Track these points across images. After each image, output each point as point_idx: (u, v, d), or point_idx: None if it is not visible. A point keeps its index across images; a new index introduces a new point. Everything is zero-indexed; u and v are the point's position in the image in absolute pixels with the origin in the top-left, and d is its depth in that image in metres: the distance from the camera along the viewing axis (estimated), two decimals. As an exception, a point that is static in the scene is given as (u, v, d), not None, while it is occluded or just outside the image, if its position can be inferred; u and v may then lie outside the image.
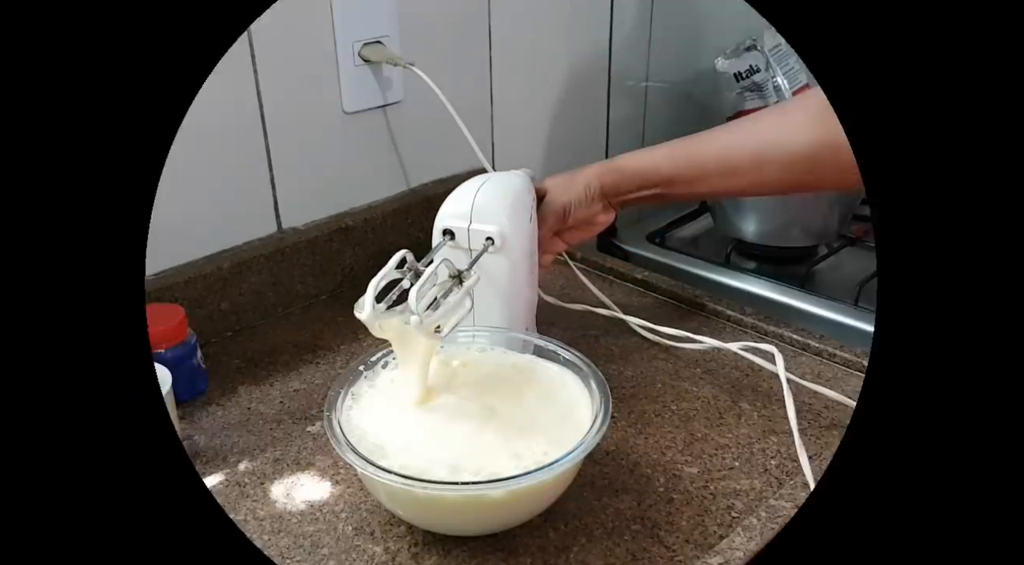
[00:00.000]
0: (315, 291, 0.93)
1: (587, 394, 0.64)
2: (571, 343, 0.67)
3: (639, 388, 0.78)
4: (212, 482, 0.67)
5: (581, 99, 1.17)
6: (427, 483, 0.55)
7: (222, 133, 0.83)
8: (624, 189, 0.79)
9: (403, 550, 0.60)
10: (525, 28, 1.06)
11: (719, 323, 0.88)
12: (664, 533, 0.61)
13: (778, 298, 1.03)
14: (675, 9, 1.24)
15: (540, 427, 0.61)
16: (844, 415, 0.73)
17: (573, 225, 0.80)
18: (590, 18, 1.14)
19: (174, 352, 0.74)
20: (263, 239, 0.89)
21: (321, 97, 0.89)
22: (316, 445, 0.71)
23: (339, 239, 0.93)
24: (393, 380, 0.66)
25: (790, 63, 1.31)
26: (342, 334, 0.87)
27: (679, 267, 1.11)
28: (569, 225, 0.80)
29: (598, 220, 0.81)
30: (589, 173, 0.79)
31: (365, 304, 0.60)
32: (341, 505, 0.64)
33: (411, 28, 0.93)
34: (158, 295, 0.80)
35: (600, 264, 0.99)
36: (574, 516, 0.63)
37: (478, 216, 0.71)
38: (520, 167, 0.80)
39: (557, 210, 0.78)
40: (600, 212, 0.80)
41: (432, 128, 0.95)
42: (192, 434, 0.73)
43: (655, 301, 0.93)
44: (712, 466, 0.68)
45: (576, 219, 0.79)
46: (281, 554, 0.60)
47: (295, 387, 0.79)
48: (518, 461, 0.58)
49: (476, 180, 0.75)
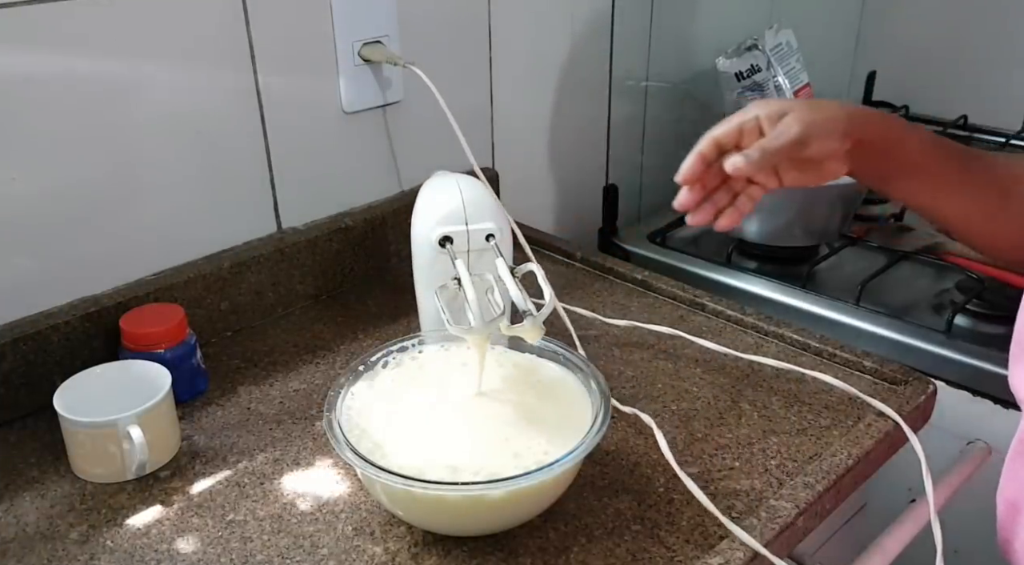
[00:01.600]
0: (315, 291, 0.93)
1: (587, 394, 0.64)
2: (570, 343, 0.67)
3: (639, 388, 0.78)
4: (212, 482, 0.67)
5: (581, 99, 1.17)
6: (427, 483, 0.55)
7: (222, 133, 0.83)
8: (869, 134, 0.67)
9: (403, 550, 0.60)
10: (525, 28, 1.06)
11: (719, 323, 0.88)
12: (664, 533, 0.61)
13: (779, 298, 1.03)
14: (675, 9, 1.24)
15: (540, 427, 0.61)
16: (844, 415, 0.73)
17: (806, 157, 0.66)
18: (590, 18, 1.14)
19: (174, 352, 0.74)
20: (263, 239, 0.89)
21: (321, 97, 0.89)
22: (316, 445, 0.71)
23: (339, 239, 0.93)
24: (394, 380, 0.66)
25: (791, 63, 1.31)
26: (342, 334, 0.87)
27: (680, 267, 1.11)
28: (804, 155, 0.65)
29: (828, 167, 0.68)
30: (835, 103, 0.68)
31: (474, 320, 0.62)
32: (341, 505, 0.64)
33: (411, 28, 0.93)
34: (158, 295, 0.80)
35: (600, 264, 0.99)
36: (574, 516, 0.63)
37: (473, 217, 0.72)
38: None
39: (798, 134, 0.64)
40: (835, 155, 0.67)
41: (432, 128, 0.94)
42: (192, 434, 0.73)
43: (655, 301, 0.93)
44: (712, 466, 0.67)
45: (814, 152, 0.65)
46: (281, 554, 0.60)
47: (295, 387, 0.79)
48: (518, 461, 0.58)
49: (440, 185, 0.75)
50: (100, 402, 0.67)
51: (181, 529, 0.62)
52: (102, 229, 0.78)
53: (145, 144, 0.78)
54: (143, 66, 0.76)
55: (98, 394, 0.69)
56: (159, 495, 0.66)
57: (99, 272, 0.78)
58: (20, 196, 0.72)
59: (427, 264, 0.74)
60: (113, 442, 0.65)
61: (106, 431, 0.65)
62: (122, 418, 0.65)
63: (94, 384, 0.70)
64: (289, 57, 0.85)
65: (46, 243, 0.75)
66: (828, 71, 1.55)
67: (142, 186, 0.79)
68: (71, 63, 0.72)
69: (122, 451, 0.65)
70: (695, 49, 1.31)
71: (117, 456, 0.66)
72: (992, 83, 1.50)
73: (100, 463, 0.66)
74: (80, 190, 0.75)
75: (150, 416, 0.66)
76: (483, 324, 0.62)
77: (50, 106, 0.72)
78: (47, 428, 0.73)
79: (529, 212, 1.01)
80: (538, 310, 0.62)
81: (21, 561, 0.60)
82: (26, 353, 0.73)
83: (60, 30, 0.70)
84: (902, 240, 1.10)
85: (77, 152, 0.74)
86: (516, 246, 0.80)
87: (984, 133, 1.47)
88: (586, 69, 1.16)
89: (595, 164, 1.24)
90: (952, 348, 0.91)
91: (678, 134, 1.35)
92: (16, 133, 0.71)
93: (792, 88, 1.30)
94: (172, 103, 0.79)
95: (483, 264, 0.70)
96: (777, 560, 0.58)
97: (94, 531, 0.62)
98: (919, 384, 0.76)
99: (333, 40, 0.88)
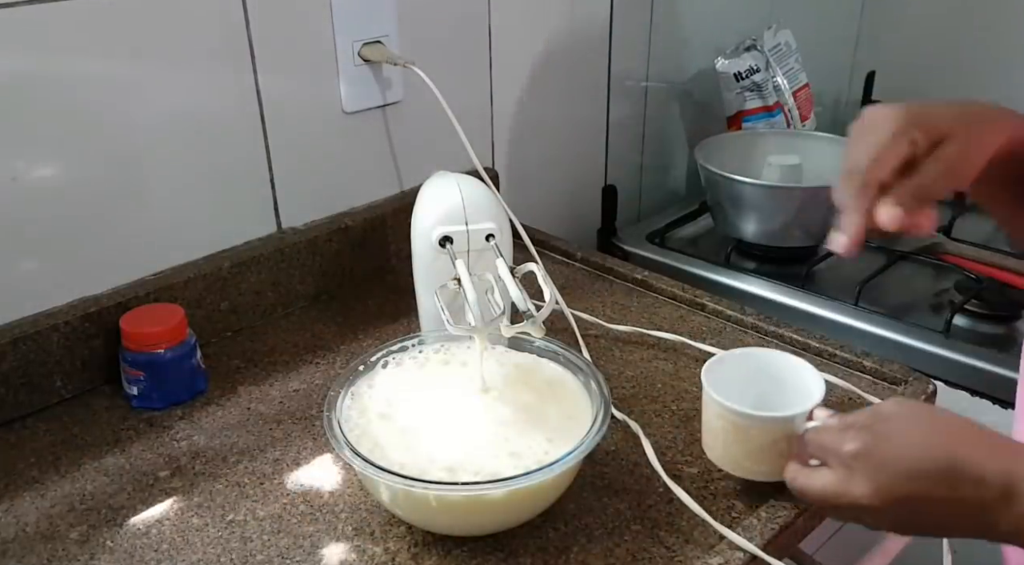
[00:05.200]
0: (315, 291, 0.93)
1: (587, 394, 0.64)
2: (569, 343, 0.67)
3: (639, 388, 0.78)
4: (212, 482, 0.67)
5: (580, 99, 1.17)
6: (427, 483, 0.55)
7: (222, 133, 0.83)
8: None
9: (403, 550, 0.60)
10: (525, 28, 1.06)
11: (719, 323, 0.88)
12: (664, 533, 0.61)
13: (778, 298, 1.03)
14: (674, 9, 1.24)
15: (540, 427, 0.61)
16: (844, 415, 0.73)
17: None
18: (590, 19, 1.14)
19: (174, 352, 0.74)
20: (263, 239, 0.89)
21: (321, 97, 0.89)
22: (316, 445, 0.71)
23: (339, 239, 0.93)
24: (394, 380, 0.66)
25: (790, 63, 1.32)
26: (342, 334, 0.87)
27: (679, 267, 1.11)
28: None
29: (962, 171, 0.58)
30: (995, 112, 0.60)
31: (475, 320, 0.62)
32: (341, 505, 0.64)
33: (411, 28, 0.93)
34: (157, 295, 0.80)
35: (600, 264, 0.99)
36: (574, 516, 0.63)
37: (473, 216, 0.72)
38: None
39: (964, 174, 0.57)
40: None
41: (432, 128, 0.94)
42: (192, 434, 0.73)
43: (655, 301, 0.93)
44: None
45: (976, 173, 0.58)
46: (281, 554, 0.60)
47: (295, 387, 0.79)
48: (518, 461, 0.58)
49: (440, 185, 0.75)
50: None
51: (181, 529, 0.62)
52: (102, 229, 0.78)
53: (145, 144, 0.78)
54: (143, 66, 0.76)
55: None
56: (159, 495, 0.66)
57: (99, 272, 0.78)
58: (20, 196, 0.72)
59: (427, 264, 0.74)
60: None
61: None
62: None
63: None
64: (289, 57, 0.85)
65: (46, 243, 0.75)
66: (827, 71, 1.55)
67: (142, 186, 0.79)
68: (71, 63, 0.72)
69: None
70: (694, 49, 1.31)
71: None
72: (992, 83, 1.50)
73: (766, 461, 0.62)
74: (80, 190, 0.75)
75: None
76: (483, 324, 0.62)
77: (50, 106, 0.72)
78: (47, 428, 0.73)
79: (528, 212, 1.01)
80: (538, 310, 0.62)
81: (21, 561, 0.60)
82: (26, 353, 0.73)
83: (60, 30, 0.70)
84: (900, 240, 1.10)
85: (77, 152, 0.74)
86: (516, 246, 0.80)
87: (983, 133, 1.47)
88: (585, 69, 1.16)
89: (594, 164, 1.24)
90: (951, 348, 0.91)
91: (677, 134, 1.35)
92: (16, 133, 0.71)
93: (791, 88, 1.30)
94: (172, 103, 0.79)
95: (483, 264, 0.70)
96: (776, 561, 0.58)
97: (94, 531, 0.62)
98: (919, 384, 0.76)
99: (333, 40, 0.88)
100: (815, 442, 0.57)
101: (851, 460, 0.54)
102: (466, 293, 0.63)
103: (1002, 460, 0.51)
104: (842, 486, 0.54)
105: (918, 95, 0.60)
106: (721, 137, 1.22)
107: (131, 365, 0.74)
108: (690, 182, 1.37)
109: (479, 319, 0.62)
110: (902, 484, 0.52)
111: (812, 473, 0.56)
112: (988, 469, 0.51)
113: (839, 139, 1.22)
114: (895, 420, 0.55)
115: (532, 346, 0.69)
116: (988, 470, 0.51)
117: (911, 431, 0.54)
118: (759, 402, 0.62)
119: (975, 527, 0.52)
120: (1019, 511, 0.50)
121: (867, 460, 0.53)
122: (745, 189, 1.07)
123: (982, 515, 0.51)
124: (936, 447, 0.52)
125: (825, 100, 1.57)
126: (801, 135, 1.26)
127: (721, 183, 1.09)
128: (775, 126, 1.29)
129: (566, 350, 0.67)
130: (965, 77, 1.52)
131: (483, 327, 0.63)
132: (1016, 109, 0.61)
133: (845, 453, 0.54)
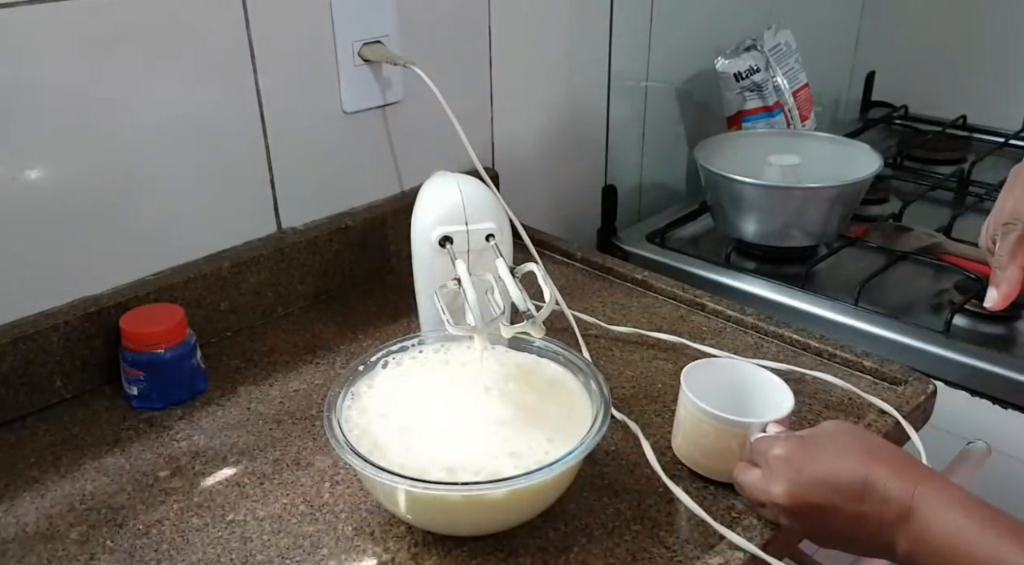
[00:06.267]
0: (315, 291, 0.93)
1: (587, 394, 0.64)
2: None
3: (639, 388, 0.78)
4: (212, 482, 0.67)
5: (581, 99, 1.17)
6: (427, 483, 0.55)
7: (222, 133, 0.83)
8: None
9: (403, 550, 0.60)
10: (525, 28, 1.06)
11: (719, 323, 0.88)
12: (664, 533, 0.61)
13: (778, 298, 1.03)
14: (674, 9, 1.24)
15: (540, 427, 0.61)
16: (844, 414, 0.73)
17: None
18: (590, 18, 1.14)
19: (174, 352, 0.74)
20: (263, 239, 0.89)
21: (321, 97, 0.89)
22: (316, 445, 0.71)
23: (339, 239, 0.93)
24: (394, 380, 0.66)
25: (790, 63, 1.32)
26: (342, 334, 0.87)
27: (679, 267, 1.11)
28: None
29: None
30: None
31: (475, 320, 0.62)
32: (341, 505, 0.64)
33: (411, 28, 0.93)
34: (157, 295, 0.80)
35: (600, 264, 0.99)
36: (574, 516, 0.63)
37: (473, 216, 0.72)
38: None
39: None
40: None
41: (432, 128, 0.94)
42: (192, 434, 0.73)
43: (655, 301, 0.93)
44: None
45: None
46: (281, 554, 0.60)
47: (295, 387, 0.79)
48: (518, 461, 0.58)
49: (440, 185, 0.75)
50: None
51: (181, 529, 0.62)
52: (102, 229, 0.78)
53: (145, 144, 0.78)
54: (143, 66, 0.76)
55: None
56: (159, 495, 0.66)
57: (99, 272, 0.78)
58: (21, 196, 0.72)
59: (427, 264, 0.74)
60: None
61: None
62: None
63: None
64: (289, 57, 0.85)
65: (46, 243, 0.75)
66: (827, 71, 1.55)
67: (142, 186, 0.79)
68: (71, 63, 0.72)
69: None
70: (694, 49, 1.31)
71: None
72: (991, 83, 1.50)
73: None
74: (80, 190, 0.75)
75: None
76: (483, 324, 0.62)
77: (50, 106, 0.72)
78: (47, 428, 0.73)
79: (528, 212, 1.01)
80: (538, 310, 0.62)
81: (21, 561, 0.60)
82: (26, 353, 0.73)
83: (59, 30, 0.70)
84: (900, 240, 1.10)
85: (77, 152, 0.74)
86: (516, 246, 0.80)
87: (983, 133, 1.47)
88: (585, 69, 1.16)
89: (594, 164, 1.24)
90: (950, 348, 0.91)
91: (677, 134, 1.35)
92: (16, 133, 0.71)
93: (791, 88, 1.30)
94: (172, 103, 0.79)
95: (483, 264, 0.70)
96: (776, 561, 0.58)
97: (94, 531, 0.62)
98: (919, 384, 0.76)
99: (333, 40, 0.88)
100: (755, 446, 0.61)
101: (774, 462, 0.58)
102: (466, 293, 0.63)
103: (907, 480, 0.53)
104: (763, 484, 0.58)
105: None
106: (721, 137, 1.22)
107: (131, 365, 0.74)
108: (690, 182, 1.38)
109: (479, 319, 0.62)
110: (815, 492, 0.55)
111: (746, 470, 0.61)
112: (892, 487, 0.53)
113: (839, 139, 1.22)
114: (824, 435, 0.59)
115: (532, 346, 0.69)
116: (892, 489, 0.53)
117: (834, 446, 0.57)
118: (728, 408, 0.64)
119: (877, 545, 0.55)
120: (914, 532, 0.52)
121: (788, 464, 0.57)
122: (745, 189, 1.07)
123: (882, 533, 0.53)
124: (853, 464, 0.55)
125: (825, 100, 1.57)
126: (801, 135, 1.26)
127: (721, 183, 1.09)
128: (775, 126, 1.29)
129: (566, 350, 0.67)
130: (965, 77, 1.52)
131: (483, 327, 0.63)
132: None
133: (771, 456, 0.58)
